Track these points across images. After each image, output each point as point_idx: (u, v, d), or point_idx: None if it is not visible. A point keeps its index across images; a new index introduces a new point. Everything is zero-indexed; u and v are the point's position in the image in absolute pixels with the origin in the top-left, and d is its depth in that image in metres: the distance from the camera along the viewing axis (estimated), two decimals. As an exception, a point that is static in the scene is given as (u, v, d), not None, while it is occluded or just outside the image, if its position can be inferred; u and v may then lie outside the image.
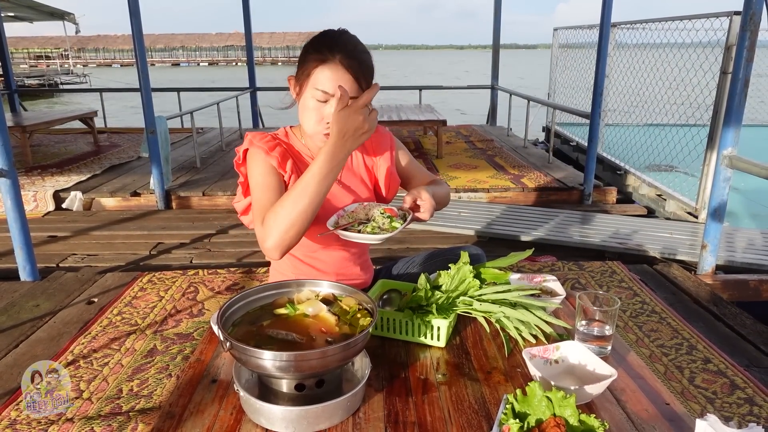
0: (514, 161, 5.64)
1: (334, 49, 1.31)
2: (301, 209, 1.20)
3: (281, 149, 1.41)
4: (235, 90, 7.75)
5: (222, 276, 2.80)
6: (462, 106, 16.24)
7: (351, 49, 1.33)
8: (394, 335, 1.29)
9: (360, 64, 1.33)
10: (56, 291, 2.65)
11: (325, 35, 1.36)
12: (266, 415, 0.98)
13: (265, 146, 1.39)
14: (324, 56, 1.31)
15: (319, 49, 1.32)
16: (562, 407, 0.94)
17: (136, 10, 3.90)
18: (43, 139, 7.23)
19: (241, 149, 1.44)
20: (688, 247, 3.30)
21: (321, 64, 1.31)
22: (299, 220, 1.21)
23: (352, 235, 1.26)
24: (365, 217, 1.32)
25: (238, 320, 1.11)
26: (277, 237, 1.21)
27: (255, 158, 1.39)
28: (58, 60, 43.42)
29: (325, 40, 1.34)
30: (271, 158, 1.37)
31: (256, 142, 1.40)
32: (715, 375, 1.91)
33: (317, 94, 1.32)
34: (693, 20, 4.33)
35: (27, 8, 10.59)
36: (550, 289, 1.50)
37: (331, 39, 1.34)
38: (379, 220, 1.30)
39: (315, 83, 1.32)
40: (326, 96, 1.31)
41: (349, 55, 1.31)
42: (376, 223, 1.29)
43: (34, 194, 4.46)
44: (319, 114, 1.33)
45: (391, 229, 1.28)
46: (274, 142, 1.42)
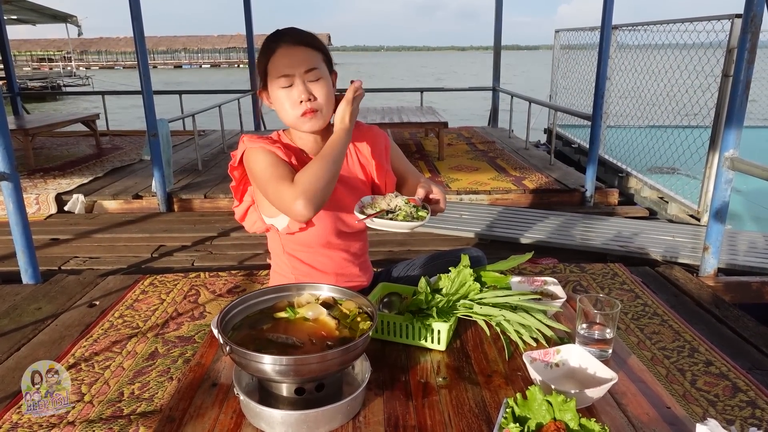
0: (515, 163, 5.64)
1: (277, 37, 1.39)
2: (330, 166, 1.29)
3: (281, 145, 1.42)
4: (236, 92, 7.76)
5: (223, 278, 2.81)
6: (463, 108, 16.24)
7: (293, 32, 1.40)
8: (394, 339, 1.29)
9: (302, 36, 1.40)
10: (58, 294, 2.66)
11: (268, 38, 1.43)
12: (266, 419, 0.98)
13: (264, 142, 1.40)
14: (271, 48, 1.38)
15: (265, 47, 1.41)
16: (562, 411, 0.94)
17: (138, 13, 3.92)
18: (45, 141, 7.25)
19: (237, 153, 1.43)
20: (690, 250, 3.29)
21: (272, 55, 1.38)
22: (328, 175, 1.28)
23: (389, 222, 1.26)
24: (387, 207, 1.32)
25: (238, 324, 1.11)
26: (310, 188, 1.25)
27: (257, 153, 1.37)
28: (61, 62, 43.52)
29: (267, 41, 1.41)
30: (274, 148, 1.38)
31: (255, 141, 1.40)
32: (717, 378, 1.91)
33: (280, 82, 1.37)
34: (695, 23, 4.32)
35: (30, 11, 10.62)
36: (551, 292, 1.50)
37: (271, 34, 1.42)
38: (406, 209, 1.30)
39: (274, 73, 1.37)
40: (289, 80, 1.36)
41: (292, 35, 1.39)
42: (406, 212, 1.29)
43: (36, 197, 4.47)
44: (289, 98, 1.38)
45: (420, 217, 1.29)
46: (271, 140, 1.44)
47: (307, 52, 1.38)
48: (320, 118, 1.41)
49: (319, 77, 1.39)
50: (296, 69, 1.36)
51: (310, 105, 1.37)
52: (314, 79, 1.38)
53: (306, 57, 1.37)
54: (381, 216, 1.28)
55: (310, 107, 1.37)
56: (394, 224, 1.26)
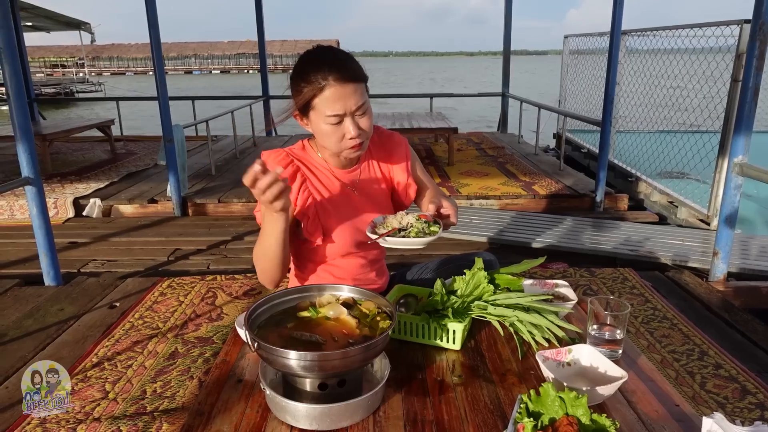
0: (525, 168, 5.67)
1: (326, 72, 1.32)
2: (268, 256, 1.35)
3: (292, 168, 1.44)
4: (248, 98, 7.86)
5: (239, 281, 2.87)
6: (473, 114, 16.28)
7: (338, 64, 1.34)
8: (411, 338, 1.33)
9: (352, 72, 1.35)
10: (79, 295, 2.73)
11: (309, 62, 1.36)
12: (291, 413, 1.03)
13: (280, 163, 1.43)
14: (319, 84, 1.32)
15: (309, 80, 1.33)
16: (574, 407, 0.98)
17: (155, 21, 4.00)
18: (61, 147, 7.38)
19: None
20: (700, 255, 3.31)
21: (319, 93, 1.33)
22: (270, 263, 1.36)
23: (400, 240, 1.30)
24: (399, 225, 1.36)
25: (263, 322, 1.16)
26: (262, 279, 1.42)
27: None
28: (74, 69, 44.05)
29: (311, 69, 1.34)
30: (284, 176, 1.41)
31: (270, 162, 1.43)
32: (727, 380, 1.94)
33: (330, 120, 1.35)
34: (704, 28, 4.35)
35: (45, 18, 10.82)
36: (563, 294, 1.54)
37: (316, 63, 1.35)
38: (417, 225, 1.34)
39: (323, 111, 1.34)
40: (339, 118, 1.34)
41: (340, 70, 1.32)
42: (418, 228, 1.33)
43: (55, 201, 4.56)
44: (339, 134, 1.37)
45: (432, 233, 1.33)
46: (287, 160, 1.46)
47: (356, 89, 1.34)
48: (365, 147, 1.44)
49: (366, 110, 1.39)
50: (348, 109, 1.34)
51: (359, 140, 1.39)
52: (362, 114, 1.38)
53: (356, 95, 1.34)
54: (393, 234, 1.32)
55: (358, 141, 1.39)
56: (407, 241, 1.30)
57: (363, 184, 1.55)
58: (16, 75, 2.56)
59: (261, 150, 1.51)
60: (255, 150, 6.89)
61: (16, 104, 2.58)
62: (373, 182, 1.58)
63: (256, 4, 7.62)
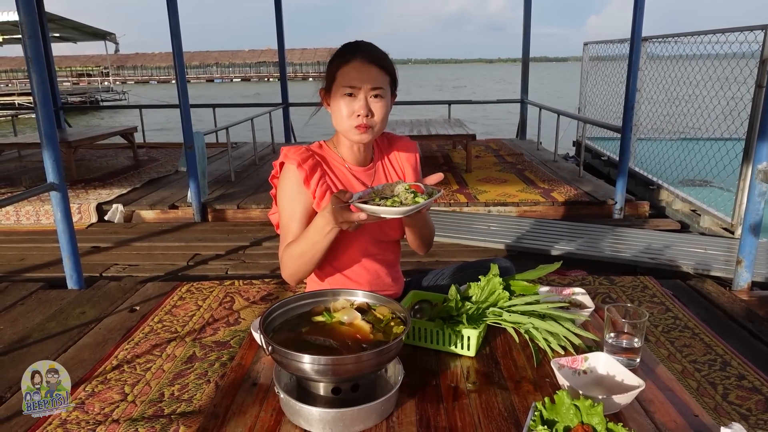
0: (543, 175, 5.63)
1: (355, 49, 1.46)
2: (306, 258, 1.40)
3: (312, 161, 1.50)
4: (268, 105, 7.94)
5: (257, 286, 2.89)
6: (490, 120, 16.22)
7: (371, 48, 1.47)
8: (425, 344, 1.33)
9: (380, 59, 1.45)
10: (101, 299, 2.77)
11: (346, 44, 1.50)
12: (305, 417, 1.04)
13: (298, 158, 1.48)
14: (346, 58, 1.44)
15: (341, 54, 1.46)
16: (589, 415, 0.97)
17: (177, 30, 4.08)
18: (86, 153, 7.54)
19: (277, 162, 1.54)
20: (724, 263, 3.25)
21: (345, 65, 1.44)
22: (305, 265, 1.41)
23: (368, 207, 1.19)
24: (390, 193, 1.29)
25: (278, 326, 1.17)
26: (288, 275, 1.46)
27: (286, 176, 1.50)
28: (99, 77, 45.02)
29: (345, 46, 1.49)
30: (300, 172, 1.46)
31: (290, 154, 1.50)
32: (750, 392, 1.89)
33: (345, 90, 1.43)
34: (726, 33, 4.28)
35: (72, 29, 11.10)
36: (579, 301, 1.52)
37: (350, 44, 1.49)
38: (402, 195, 1.26)
39: (341, 82, 1.43)
40: (353, 90, 1.42)
41: (370, 52, 1.45)
42: (399, 198, 1.25)
43: (79, 207, 4.65)
44: (349, 108, 1.43)
45: (413, 203, 1.22)
46: (307, 153, 1.51)
47: (377, 72, 1.44)
48: (371, 134, 1.48)
49: (382, 97, 1.45)
50: (363, 84, 1.42)
51: (366, 120, 1.44)
52: (376, 97, 1.45)
53: (375, 75, 1.43)
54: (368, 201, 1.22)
55: (366, 123, 1.44)
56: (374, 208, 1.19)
57: (378, 182, 1.58)
58: (43, 84, 2.63)
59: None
60: (274, 157, 6.94)
61: (42, 112, 2.65)
62: (388, 180, 1.61)
63: (276, 14, 7.72)
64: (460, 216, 4.43)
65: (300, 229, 1.46)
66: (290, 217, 1.48)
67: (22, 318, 2.59)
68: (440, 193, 1.30)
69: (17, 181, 5.84)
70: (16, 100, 23.43)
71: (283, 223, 1.51)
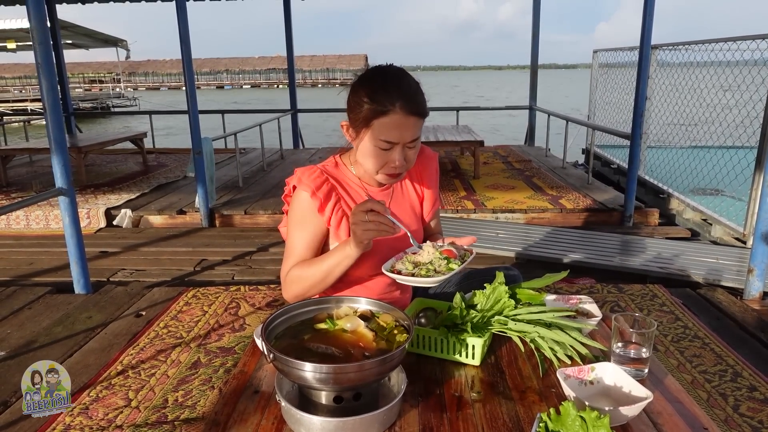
0: (552, 182, 5.60)
1: (393, 98, 1.31)
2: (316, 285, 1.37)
3: (327, 187, 1.43)
4: (277, 112, 7.97)
5: (263, 292, 2.89)
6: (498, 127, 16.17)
7: (410, 95, 1.33)
8: (429, 353, 1.32)
9: (418, 105, 1.34)
10: (107, 304, 2.78)
11: (379, 83, 1.34)
12: (306, 426, 1.03)
13: (312, 185, 1.41)
14: (384, 108, 1.31)
15: (376, 99, 1.31)
16: (596, 427, 0.95)
17: (186, 37, 4.11)
18: (96, 158, 7.60)
19: (290, 182, 1.48)
20: (735, 273, 3.20)
21: (381, 116, 1.31)
22: (312, 290, 1.39)
23: (408, 278, 1.29)
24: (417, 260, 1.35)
25: (280, 333, 1.16)
26: (293, 296, 1.40)
27: (298, 201, 1.43)
28: (110, 84, 45.50)
29: (380, 90, 1.32)
30: (314, 201, 1.41)
31: (305, 179, 1.42)
32: (762, 403, 1.86)
33: (381, 144, 1.34)
34: (738, 41, 4.25)
35: (84, 36, 11.25)
36: (587, 310, 1.50)
37: (386, 88, 1.33)
38: (435, 262, 1.33)
39: (378, 134, 1.33)
40: (390, 145, 1.34)
41: (408, 101, 1.31)
42: (432, 266, 1.32)
43: (88, 211, 4.69)
44: (383, 159, 1.37)
45: (447, 270, 1.30)
46: (322, 178, 1.44)
47: (417, 123, 1.34)
48: (401, 177, 1.44)
49: (417, 144, 1.39)
50: (402, 140, 1.34)
51: (400, 170, 1.39)
52: (412, 147, 1.38)
53: (415, 128, 1.34)
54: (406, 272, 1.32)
55: (399, 171, 1.40)
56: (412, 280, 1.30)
57: (395, 203, 1.54)
58: (53, 90, 2.65)
59: (288, 163, 1.53)
60: (282, 163, 6.96)
61: (51, 117, 2.67)
62: (405, 201, 1.58)
63: (285, 21, 7.77)
64: (468, 222, 4.41)
65: (307, 254, 1.43)
66: (298, 240, 1.44)
67: (29, 322, 2.61)
68: (473, 256, 1.34)
69: (28, 185, 5.90)
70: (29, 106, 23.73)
71: (290, 245, 1.45)
